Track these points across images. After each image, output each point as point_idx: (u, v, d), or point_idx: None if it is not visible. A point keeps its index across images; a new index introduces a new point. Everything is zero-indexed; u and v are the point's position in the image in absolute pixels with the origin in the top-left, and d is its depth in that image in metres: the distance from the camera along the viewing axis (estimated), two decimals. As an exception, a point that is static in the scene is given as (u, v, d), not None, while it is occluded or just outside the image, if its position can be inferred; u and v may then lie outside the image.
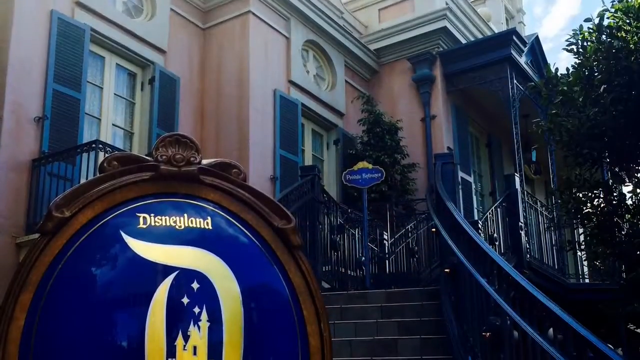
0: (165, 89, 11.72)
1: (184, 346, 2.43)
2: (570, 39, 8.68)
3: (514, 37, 14.65)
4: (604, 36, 8.27)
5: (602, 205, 8.98)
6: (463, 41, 15.67)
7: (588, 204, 9.03)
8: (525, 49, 15.18)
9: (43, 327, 2.36)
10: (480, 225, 10.33)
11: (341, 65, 15.01)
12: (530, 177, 16.77)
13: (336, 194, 13.67)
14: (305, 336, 2.66)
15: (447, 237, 7.37)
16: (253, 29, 12.65)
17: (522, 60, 15.04)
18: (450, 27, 15.20)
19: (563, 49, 8.95)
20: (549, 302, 4.74)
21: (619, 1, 8.34)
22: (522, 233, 11.64)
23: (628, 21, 8.12)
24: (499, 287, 5.57)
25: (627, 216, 8.90)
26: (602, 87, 8.04)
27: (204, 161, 2.73)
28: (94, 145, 9.18)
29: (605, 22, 8.28)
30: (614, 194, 9.18)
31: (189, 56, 12.64)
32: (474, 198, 15.33)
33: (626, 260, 8.96)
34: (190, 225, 2.63)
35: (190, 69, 12.58)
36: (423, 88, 15.05)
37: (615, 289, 9.50)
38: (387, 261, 11.87)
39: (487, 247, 6.22)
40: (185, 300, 2.48)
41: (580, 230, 11.42)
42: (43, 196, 9.14)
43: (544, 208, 14.38)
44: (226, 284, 2.55)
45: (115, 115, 11.21)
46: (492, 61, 14.57)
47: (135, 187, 2.64)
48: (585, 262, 14.51)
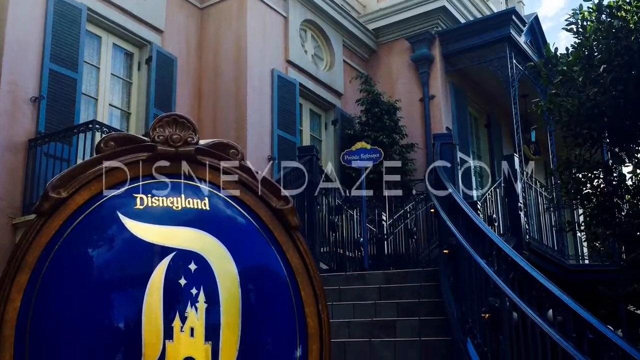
0: (163, 69, 11.66)
1: (181, 327, 2.42)
2: (570, 19, 8.63)
3: (513, 17, 14.57)
4: (603, 16, 8.22)
5: (601, 185, 8.95)
6: (462, 21, 15.59)
7: (588, 185, 9.00)
8: (525, 29, 15.12)
9: (39, 308, 2.36)
10: (479, 206, 10.31)
11: (339, 45, 14.94)
12: (530, 157, 16.75)
13: (334, 175, 13.65)
14: (303, 317, 2.65)
15: (445, 218, 7.34)
16: (251, 8, 12.56)
17: (522, 40, 14.98)
18: (449, 6, 15.13)
19: (562, 28, 8.91)
20: (549, 284, 4.72)
21: (618, -20, 8.28)
22: (522, 214, 11.62)
23: (628, 0, 8.06)
24: (498, 268, 5.55)
25: (627, 197, 8.87)
26: (602, 67, 8.00)
27: (202, 141, 2.72)
28: (90, 125, 9.15)
29: (605, 2, 8.22)
30: (614, 174, 9.15)
31: (186, 36, 12.57)
32: (473, 179, 15.30)
33: (626, 241, 8.94)
34: (188, 206, 2.61)
35: (188, 49, 12.51)
36: (422, 68, 14.99)
37: (615, 270, 9.48)
38: (385, 242, 11.86)
39: (486, 228, 6.20)
40: (182, 281, 2.47)
41: (580, 211, 11.42)
42: (39, 177, 9.11)
43: (543, 189, 14.37)
44: (224, 265, 2.54)
45: (112, 95, 11.16)
46: (491, 41, 14.50)
47: (133, 168, 2.62)
48: (584, 243, 14.50)
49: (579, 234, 14.22)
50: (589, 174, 9.01)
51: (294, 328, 2.63)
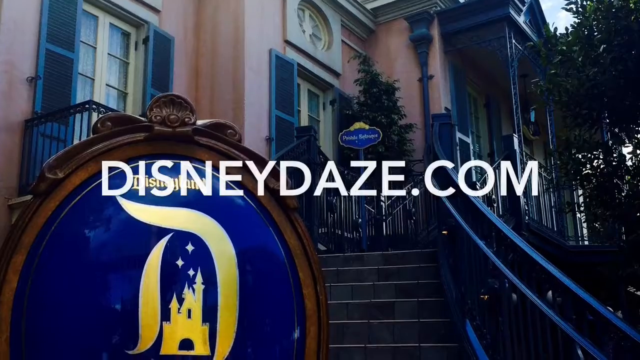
0: (160, 49, 11.60)
1: (179, 309, 2.40)
2: (570, -2, 8.59)
3: (513, -4, 14.51)
4: (603, -5, 8.18)
5: (601, 166, 8.95)
6: (461, 0, 15.52)
7: (587, 165, 9.00)
8: (524, 8, 15.06)
9: (36, 289, 2.34)
10: (478, 187, 10.29)
11: (337, 25, 14.86)
12: (529, 137, 16.73)
13: (332, 155, 13.63)
14: (301, 299, 2.63)
15: (444, 198, 7.33)
16: (248, -13, 12.49)
17: (521, 20, 14.92)
18: (448, -15, 15.06)
19: (562, 8, 8.87)
20: (548, 265, 4.71)
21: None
22: (521, 195, 11.60)
23: (627, -20, 8.02)
24: (498, 250, 5.54)
25: (627, 177, 8.87)
26: (602, 47, 7.97)
27: (199, 122, 2.69)
28: (87, 105, 9.09)
29: (605, -19, 8.18)
30: (614, 155, 9.14)
31: (184, 16, 12.49)
32: (472, 159, 15.28)
33: (626, 222, 8.95)
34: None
35: (185, 29, 12.44)
36: (420, 48, 14.93)
37: (614, 251, 9.49)
38: (384, 223, 11.86)
39: (485, 208, 6.18)
40: (179, 262, 2.45)
41: (580, 191, 11.41)
42: (36, 157, 9.08)
43: (542, 169, 14.35)
44: (221, 246, 2.52)
45: (108, 76, 11.10)
46: (490, 20, 14.46)
47: (129, 148, 2.60)
48: (584, 224, 14.52)
49: (578, 214, 14.21)
50: (589, 155, 9.00)
51: (292, 309, 2.61)
